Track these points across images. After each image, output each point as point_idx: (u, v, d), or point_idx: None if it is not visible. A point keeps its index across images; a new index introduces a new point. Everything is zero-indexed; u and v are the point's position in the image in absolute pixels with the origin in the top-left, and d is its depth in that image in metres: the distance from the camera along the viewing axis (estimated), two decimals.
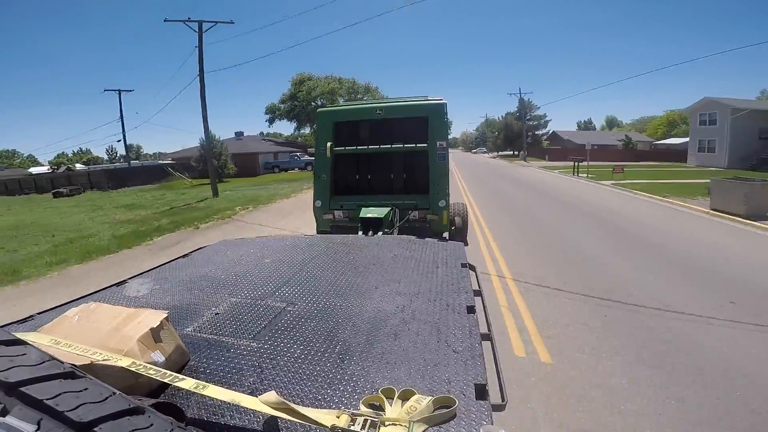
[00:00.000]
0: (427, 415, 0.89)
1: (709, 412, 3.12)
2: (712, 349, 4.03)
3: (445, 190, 5.33)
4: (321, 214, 5.67)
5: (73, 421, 0.64)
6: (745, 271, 6.29)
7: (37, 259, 8.74)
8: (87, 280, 6.97)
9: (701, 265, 6.66)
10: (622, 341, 4.25)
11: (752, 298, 5.21)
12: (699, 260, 6.91)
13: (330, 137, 5.52)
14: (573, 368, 3.78)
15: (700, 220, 10.54)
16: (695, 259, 7.00)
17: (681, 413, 3.11)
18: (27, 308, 2.26)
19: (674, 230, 9.27)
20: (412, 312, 1.52)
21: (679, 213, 11.59)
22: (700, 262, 6.78)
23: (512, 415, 3.04)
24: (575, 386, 3.50)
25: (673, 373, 3.65)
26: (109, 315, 1.18)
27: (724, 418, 3.05)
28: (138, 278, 2.08)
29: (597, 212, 11.68)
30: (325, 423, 0.83)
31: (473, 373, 1.10)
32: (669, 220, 10.44)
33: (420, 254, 2.32)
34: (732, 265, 6.61)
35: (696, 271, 6.33)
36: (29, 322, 1.52)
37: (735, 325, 4.50)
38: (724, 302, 5.10)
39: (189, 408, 0.98)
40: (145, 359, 1.02)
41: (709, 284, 5.77)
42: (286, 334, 1.37)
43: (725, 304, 5.04)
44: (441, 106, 5.42)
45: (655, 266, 6.59)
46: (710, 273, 6.24)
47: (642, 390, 3.41)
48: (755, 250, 7.58)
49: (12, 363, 0.72)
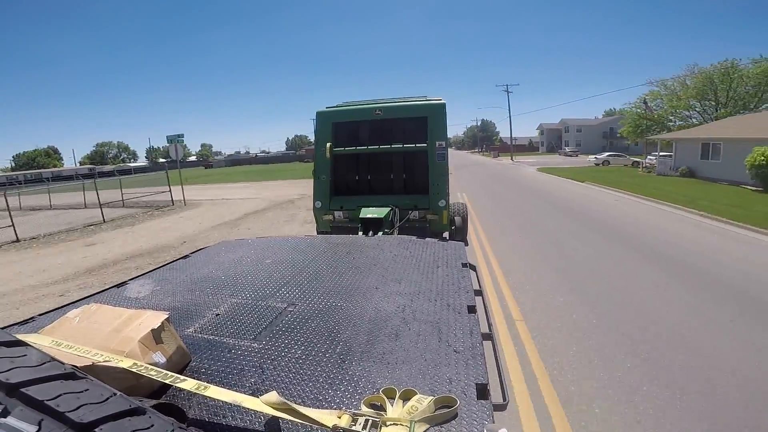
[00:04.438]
0: (429, 415, 0.89)
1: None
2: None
3: (444, 190, 5.32)
4: (321, 215, 5.67)
5: (74, 421, 0.64)
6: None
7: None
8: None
9: (525, 184, 21.15)
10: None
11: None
12: (521, 180, 23.08)
13: (329, 138, 5.52)
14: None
15: (526, 167, 32.75)
16: (519, 179, 23.52)
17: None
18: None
19: (526, 173, 27.66)
20: (413, 312, 1.52)
21: (517, 165, 37.58)
22: (525, 183, 21.86)
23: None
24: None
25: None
26: (110, 316, 1.18)
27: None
28: (139, 279, 2.08)
29: (495, 167, 34.90)
30: (327, 423, 0.82)
31: (474, 372, 1.10)
32: (514, 167, 34.69)
33: (420, 254, 2.32)
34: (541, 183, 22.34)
35: (528, 188, 19.34)
36: (30, 324, 1.52)
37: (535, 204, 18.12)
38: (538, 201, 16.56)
39: (190, 409, 0.98)
40: (146, 360, 1.02)
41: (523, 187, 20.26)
42: (287, 334, 1.36)
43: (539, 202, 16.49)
44: (440, 106, 5.42)
45: (506, 184, 20.81)
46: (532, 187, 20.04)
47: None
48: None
49: (13, 364, 0.72)
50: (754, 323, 4.59)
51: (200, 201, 20.32)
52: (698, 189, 16.45)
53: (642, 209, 12.78)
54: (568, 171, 26.61)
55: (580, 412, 3.31)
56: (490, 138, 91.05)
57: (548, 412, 3.32)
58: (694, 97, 30.84)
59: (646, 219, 11.10)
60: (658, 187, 16.90)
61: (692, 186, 17.57)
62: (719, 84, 29.29)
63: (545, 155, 57.71)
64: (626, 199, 14.89)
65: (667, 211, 12.30)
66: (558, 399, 3.47)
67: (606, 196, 15.71)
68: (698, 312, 4.94)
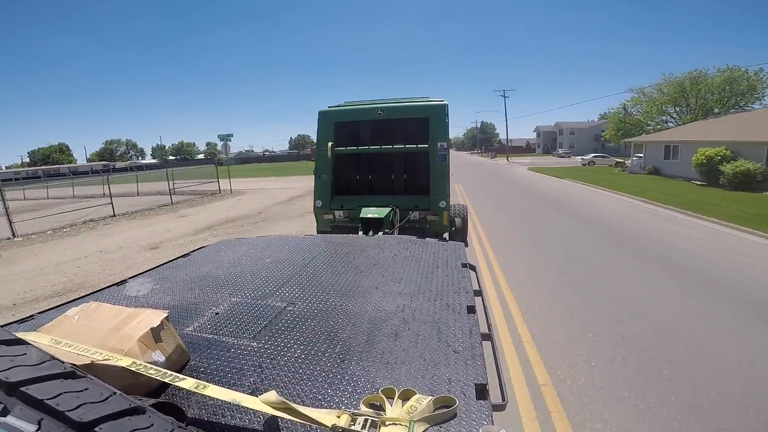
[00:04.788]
0: (428, 414, 0.89)
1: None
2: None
3: (445, 191, 5.32)
4: (321, 214, 5.66)
5: (74, 420, 0.64)
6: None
7: None
8: None
9: (513, 179, 23.93)
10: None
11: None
12: (511, 177, 26.10)
13: (331, 137, 5.52)
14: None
15: (519, 167, 35.52)
16: (510, 176, 26.70)
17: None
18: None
19: (519, 173, 29.14)
20: (413, 312, 1.52)
21: (512, 165, 40.00)
22: (514, 179, 24.85)
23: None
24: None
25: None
26: (110, 315, 1.18)
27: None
28: (138, 278, 2.08)
29: (491, 167, 37.36)
30: (326, 423, 0.82)
31: (474, 372, 1.10)
32: (509, 167, 36.94)
33: (420, 254, 2.32)
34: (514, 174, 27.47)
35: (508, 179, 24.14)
36: (29, 322, 1.52)
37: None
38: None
39: (189, 408, 0.98)
40: (146, 359, 1.02)
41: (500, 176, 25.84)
42: (287, 333, 1.36)
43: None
44: (442, 107, 5.41)
45: (496, 180, 24.16)
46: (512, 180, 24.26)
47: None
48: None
49: (12, 363, 0.72)
50: (642, 261, 7.18)
51: (244, 190, 23.40)
52: (654, 183, 19.25)
53: (599, 196, 16.03)
54: (555, 170, 29.09)
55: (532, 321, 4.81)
56: (489, 140, 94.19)
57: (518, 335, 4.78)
58: (668, 103, 33.60)
59: (599, 203, 14.31)
60: (621, 183, 19.80)
61: (651, 181, 20.34)
62: (690, 91, 31.88)
63: (541, 156, 60.60)
64: (591, 190, 18.04)
65: (618, 198, 15.42)
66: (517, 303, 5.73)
67: (576, 188, 18.96)
68: (607, 252, 7.78)
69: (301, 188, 21.90)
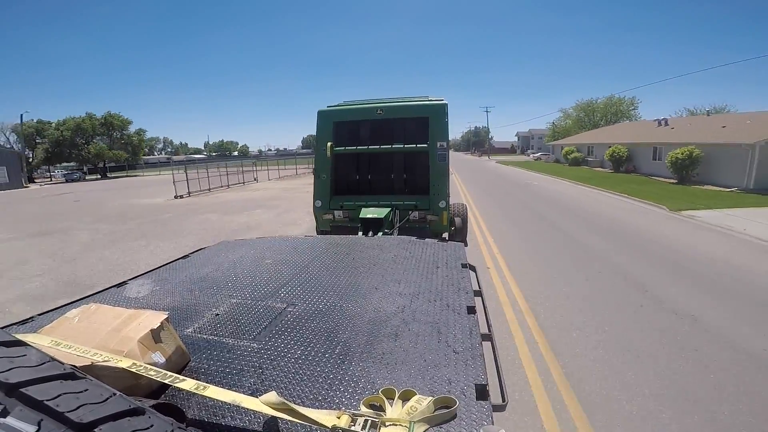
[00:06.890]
0: (428, 415, 0.89)
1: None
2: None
3: (445, 191, 5.31)
4: (321, 214, 5.66)
5: (74, 421, 0.63)
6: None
7: None
8: None
9: (498, 172, 32.87)
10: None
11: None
12: (484, 167, 40.51)
13: (330, 137, 5.51)
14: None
15: (493, 162, 50.28)
16: (484, 166, 41.27)
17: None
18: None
19: (491, 164, 45.30)
20: (413, 312, 1.52)
21: (490, 161, 53.81)
22: (485, 167, 40.08)
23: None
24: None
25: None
26: (110, 316, 1.18)
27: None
28: (138, 279, 2.08)
29: (475, 162, 51.57)
30: (326, 423, 0.82)
31: (474, 373, 1.10)
32: (487, 162, 51.07)
33: (420, 255, 2.32)
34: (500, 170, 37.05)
35: (489, 173, 32.74)
36: (29, 324, 1.52)
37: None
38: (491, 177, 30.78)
39: (189, 409, 0.97)
40: (146, 360, 1.02)
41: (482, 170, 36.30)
42: (287, 334, 1.36)
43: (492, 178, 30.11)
44: (442, 106, 5.40)
45: (473, 167, 39.87)
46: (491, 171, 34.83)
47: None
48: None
49: (12, 364, 0.72)
50: (528, 193, 17.77)
51: (277, 179, 31.20)
52: (552, 167, 35.33)
53: (517, 172, 30.67)
54: (513, 163, 43.52)
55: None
56: (481, 142, 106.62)
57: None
58: (578, 119, 53.20)
59: (516, 174, 29.20)
60: (535, 166, 36.60)
61: (551, 166, 37.10)
62: (587, 112, 52.58)
63: (518, 156, 77.84)
64: (514, 170, 33.25)
65: (527, 173, 29.22)
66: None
67: (509, 169, 34.15)
68: (512, 191, 18.45)
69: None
